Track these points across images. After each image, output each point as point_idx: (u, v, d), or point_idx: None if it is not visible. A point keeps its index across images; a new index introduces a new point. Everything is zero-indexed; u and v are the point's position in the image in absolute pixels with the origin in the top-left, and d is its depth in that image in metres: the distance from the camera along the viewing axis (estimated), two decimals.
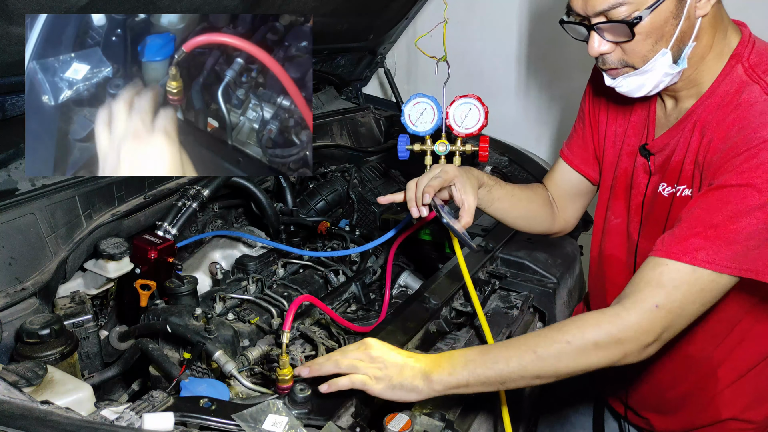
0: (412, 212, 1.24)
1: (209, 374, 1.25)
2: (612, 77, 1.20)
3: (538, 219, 1.53)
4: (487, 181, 1.36)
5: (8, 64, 1.25)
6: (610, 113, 1.41)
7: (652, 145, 1.29)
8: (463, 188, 1.25)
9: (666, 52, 1.11)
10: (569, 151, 1.52)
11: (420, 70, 3.14)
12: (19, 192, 1.33)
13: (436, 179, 1.21)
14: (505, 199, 1.42)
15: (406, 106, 1.31)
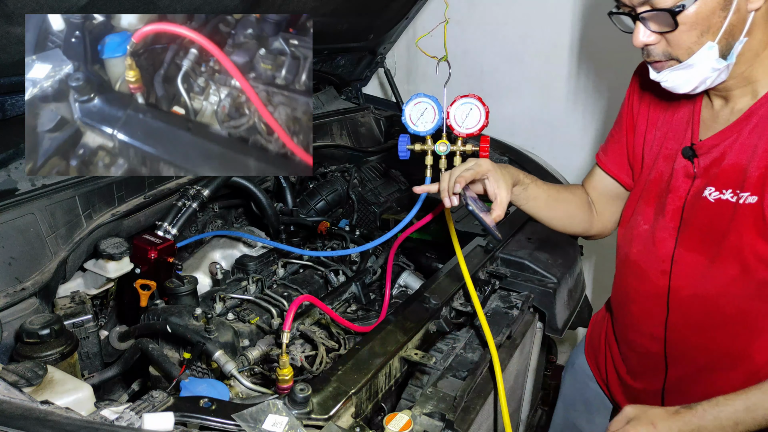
0: (444, 202, 1.25)
1: (209, 374, 1.25)
2: (657, 70, 1.17)
3: (575, 220, 1.52)
4: (524, 179, 1.37)
5: (8, 64, 1.25)
6: (650, 117, 1.37)
7: (699, 146, 1.24)
8: (496, 182, 1.25)
9: (713, 46, 1.06)
10: (604, 155, 1.51)
11: (420, 70, 3.14)
12: (19, 192, 1.33)
13: (468, 171, 1.23)
14: (542, 198, 1.41)
15: (406, 106, 1.31)
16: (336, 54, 2.50)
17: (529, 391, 1.86)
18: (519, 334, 1.55)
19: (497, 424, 1.37)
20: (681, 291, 1.31)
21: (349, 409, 1.06)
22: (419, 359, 1.25)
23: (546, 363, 2.19)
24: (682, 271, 1.30)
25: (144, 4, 1.31)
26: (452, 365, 1.30)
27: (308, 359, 1.29)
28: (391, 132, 2.66)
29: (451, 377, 1.26)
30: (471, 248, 1.69)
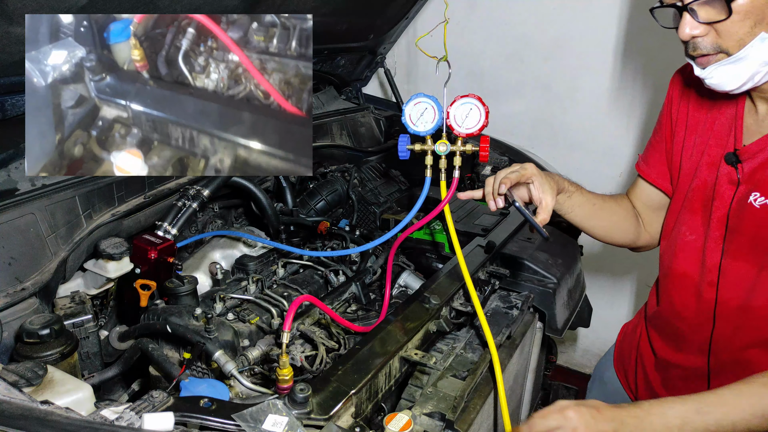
0: (489, 205, 1.29)
1: (209, 374, 1.25)
2: (702, 66, 1.12)
3: (620, 231, 1.50)
4: (568, 187, 1.37)
5: (8, 64, 1.25)
6: (689, 124, 1.34)
7: (743, 151, 1.21)
8: (541, 187, 1.27)
9: (766, 37, 1.03)
10: (645, 164, 1.48)
11: (420, 70, 3.14)
12: (19, 192, 1.33)
13: (513, 173, 1.26)
14: (586, 206, 1.41)
15: (406, 106, 1.31)
16: (336, 54, 2.50)
17: (529, 391, 1.86)
18: (519, 334, 1.55)
19: (497, 424, 1.37)
20: (729, 303, 1.28)
21: (349, 409, 1.06)
22: (419, 359, 1.25)
23: (546, 363, 2.19)
24: (730, 281, 1.26)
25: (144, 4, 1.31)
26: (452, 365, 1.30)
27: (308, 359, 1.29)
28: (391, 132, 2.66)
29: (451, 377, 1.26)
30: (471, 248, 1.69)
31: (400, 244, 1.49)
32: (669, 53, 2.49)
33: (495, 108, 1.50)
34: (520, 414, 1.85)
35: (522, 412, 1.87)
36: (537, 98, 2.87)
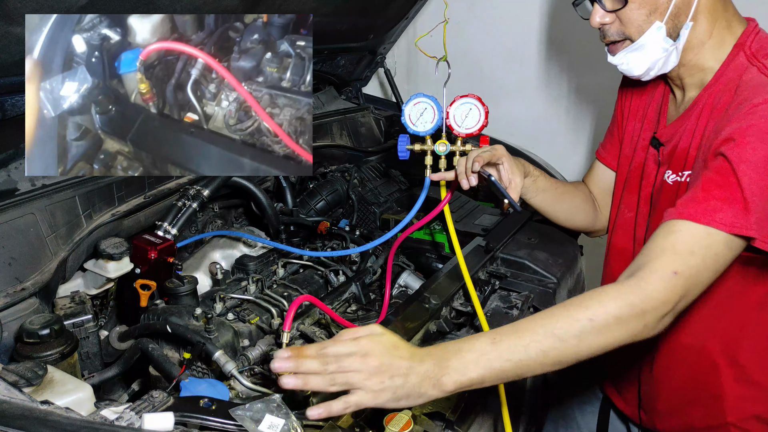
0: (462, 184, 1.31)
1: (209, 374, 1.25)
2: (612, 54, 1.28)
3: (581, 214, 1.58)
4: (533, 171, 1.44)
5: (8, 64, 1.25)
6: (631, 110, 1.46)
7: (660, 134, 1.33)
8: (510, 168, 1.34)
9: (661, 26, 1.16)
10: (603, 149, 1.58)
11: (420, 70, 3.14)
12: (19, 192, 1.33)
13: (485, 152, 1.30)
14: (549, 190, 1.48)
15: (406, 106, 1.31)
16: (336, 54, 2.50)
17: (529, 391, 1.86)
18: None
19: (497, 424, 1.37)
20: None
21: None
22: None
23: None
24: None
25: (144, 4, 1.31)
26: None
27: None
28: (391, 132, 2.66)
29: None
30: (471, 248, 1.69)
31: (400, 244, 1.49)
32: None
33: (495, 108, 1.50)
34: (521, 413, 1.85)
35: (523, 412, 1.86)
36: (537, 98, 2.87)
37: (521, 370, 0.93)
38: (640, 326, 0.96)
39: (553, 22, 2.72)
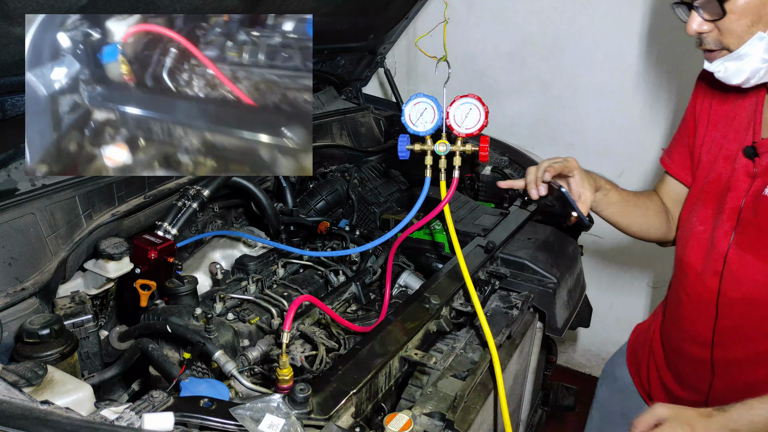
0: (531, 194, 1.33)
1: (209, 374, 1.25)
2: (710, 61, 1.20)
3: (653, 227, 1.53)
4: (605, 185, 1.41)
5: (8, 64, 1.25)
6: (711, 119, 1.38)
7: (760, 144, 1.25)
8: (581, 182, 1.33)
9: (763, 37, 1.10)
10: (668, 158, 1.52)
11: (420, 70, 3.14)
12: (19, 192, 1.33)
13: (557, 163, 1.30)
14: (621, 204, 1.45)
15: (406, 106, 1.31)
16: (336, 54, 2.50)
17: (529, 391, 1.86)
18: (519, 334, 1.55)
19: (497, 424, 1.37)
20: (731, 293, 1.30)
21: (349, 409, 1.06)
22: (419, 359, 1.25)
23: (546, 363, 2.19)
24: (735, 272, 1.29)
25: (144, 4, 1.31)
26: (452, 365, 1.30)
27: (308, 359, 1.29)
28: (391, 132, 2.66)
29: (451, 377, 1.26)
30: (471, 248, 1.69)
31: (400, 244, 1.49)
32: (669, 53, 2.49)
33: (495, 108, 1.50)
34: (520, 414, 1.85)
35: (522, 412, 1.87)
36: (537, 98, 2.87)
37: None
38: None
39: (553, 22, 2.72)
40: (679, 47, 2.45)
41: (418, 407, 1.14)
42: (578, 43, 2.69)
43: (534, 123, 2.91)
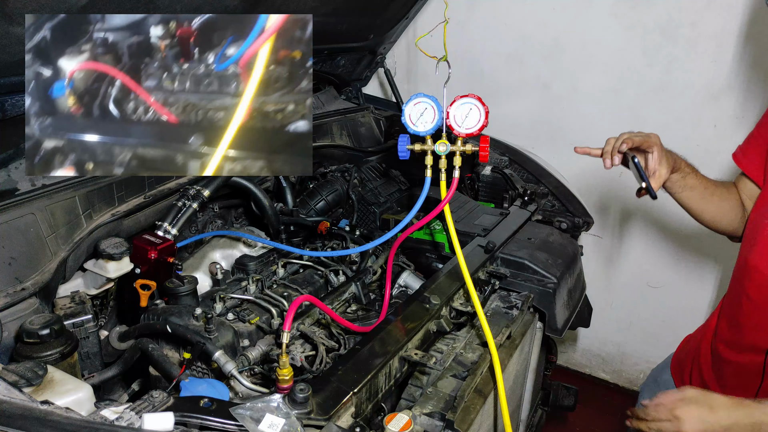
0: (605, 163, 1.34)
1: (209, 374, 1.25)
2: None
3: (726, 219, 1.52)
4: (684, 168, 1.40)
5: (8, 64, 1.25)
6: None
7: None
8: (659, 159, 1.32)
9: None
10: (742, 155, 1.50)
11: (420, 70, 3.14)
12: (19, 192, 1.33)
13: (637, 137, 1.30)
14: (698, 189, 1.44)
15: (406, 106, 1.30)
16: (336, 54, 2.50)
17: (529, 391, 1.86)
18: (519, 334, 1.55)
19: (497, 424, 1.37)
20: None
21: (349, 409, 1.06)
22: (419, 359, 1.25)
23: (546, 363, 2.19)
24: None
25: (144, 4, 1.31)
26: (452, 365, 1.30)
27: (308, 359, 1.29)
28: (391, 132, 2.66)
29: (451, 377, 1.26)
30: (471, 248, 1.69)
31: (400, 244, 1.49)
32: (670, 53, 2.49)
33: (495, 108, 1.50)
34: (520, 414, 1.85)
35: (522, 412, 1.87)
36: (537, 98, 2.87)
37: None
38: None
39: (553, 22, 2.72)
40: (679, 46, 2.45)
41: (418, 407, 1.14)
42: (578, 43, 2.69)
43: (534, 123, 2.91)
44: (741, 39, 2.33)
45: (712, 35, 2.38)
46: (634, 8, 2.52)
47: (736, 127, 2.41)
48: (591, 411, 2.88)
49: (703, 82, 2.45)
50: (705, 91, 2.46)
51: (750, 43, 2.32)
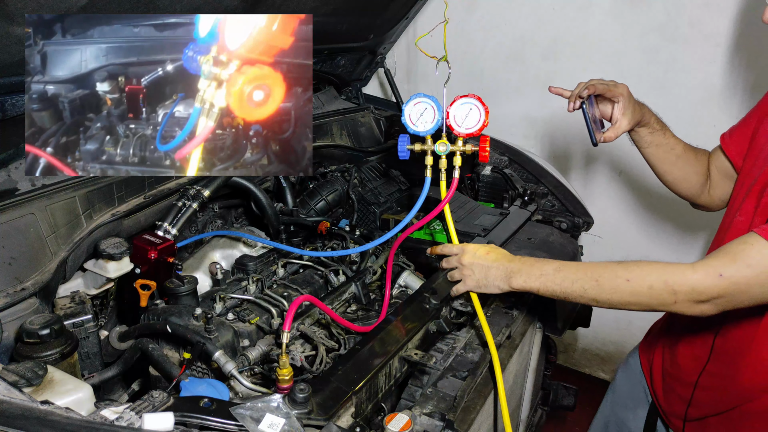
0: (568, 106, 1.42)
1: (209, 374, 1.25)
2: None
3: (687, 183, 1.56)
4: (654, 124, 1.45)
5: (8, 64, 1.25)
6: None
7: None
8: (623, 110, 1.38)
9: None
10: (728, 137, 1.51)
11: (420, 70, 3.14)
12: (19, 192, 1.33)
13: (602, 84, 1.35)
14: (664, 148, 1.49)
15: (406, 106, 1.31)
16: (336, 54, 2.50)
17: (529, 391, 1.86)
18: (519, 334, 1.55)
19: (497, 424, 1.37)
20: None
21: (349, 409, 1.06)
22: (419, 359, 1.25)
23: (546, 363, 2.19)
24: None
25: (144, 4, 1.31)
26: (452, 365, 1.30)
27: (308, 359, 1.29)
28: (391, 132, 2.66)
29: (451, 377, 1.26)
30: None
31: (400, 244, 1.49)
32: (669, 53, 2.49)
33: (495, 108, 1.50)
34: (520, 414, 1.85)
35: (522, 412, 1.87)
36: (537, 98, 2.87)
37: (565, 296, 1.20)
38: (671, 301, 1.10)
39: (553, 22, 2.72)
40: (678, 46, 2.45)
41: (418, 407, 1.14)
42: (578, 43, 2.69)
43: (534, 123, 2.91)
44: (740, 39, 2.33)
45: (710, 35, 2.38)
46: (633, 8, 2.52)
47: None
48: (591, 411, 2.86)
49: (702, 82, 2.45)
50: (704, 91, 2.46)
51: (748, 43, 2.32)
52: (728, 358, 1.34)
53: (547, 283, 1.21)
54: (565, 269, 1.21)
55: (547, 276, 1.21)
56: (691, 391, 1.44)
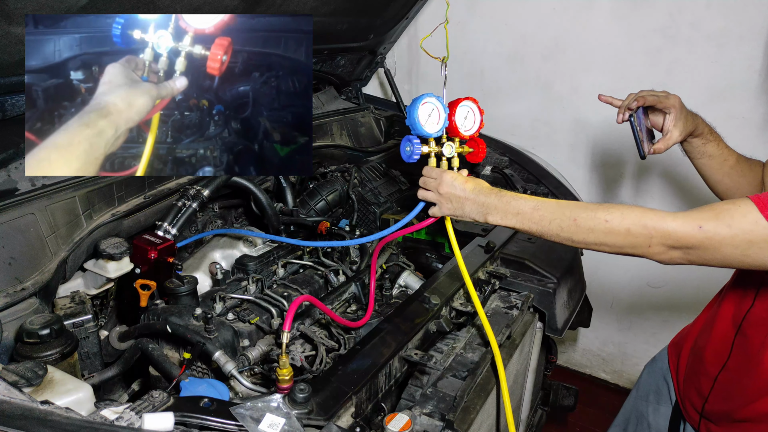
0: (617, 117, 1.41)
1: (209, 374, 1.25)
2: None
3: (739, 194, 1.51)
4: (707, 134, 1.43)
5: (8, 64, 1.25)
6: None
7: None
8: (674, 121, 1.36)
9: None
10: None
11: (420, 70, 3.14)
12: (19, 192, 1.33)
13: (652, 96, 1.34)
14: (717, 159, 1.46)
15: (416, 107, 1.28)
16: (336, 54, 2.50)
17: (529, 391, 1.86)
18: (519, 334, 1.55)
19: (499, 424, 1.37)
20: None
21: (349, 409, 1.06)
22: (419, 359, 1.25)
23: (546, 363, 2.19)
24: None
25: (144, 4, 1.31)
26: (452, 365, 1.30)
27: (308, 359, 1.29)
28: (391, 132, 2.66)
29: (451, 377, 1.26)
30: (471, 248, 1.69)
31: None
32: (670, 53, 2.49)
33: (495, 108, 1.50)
34: (520, 414, 1.85)
35: (522, 412, 1.87)
36: (537, 98, 2.87)
37: (540, 234, 1.19)
38: (645, 245, 1.09)
39: (553, 22, 2.72)
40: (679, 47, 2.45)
41: (418, 407, 1.14)
42: (578, 43, 2.69)
43: (534, 123, 2.91)
44: (741, 39, 2.33)
45: (712, 36, 2.38)
46: (634, 9, 2.52)
47: (738, 127, 2.41)
48: (591, 411, 2.88)
49: (704, 82, 2.45)
50: (706, 91, 2.46)
51: (750, 44, 2.32)
52: (746, 357, 1.33)
53: (524, 221, 1.19)
54: (543, 208, 1.19)
55: (524, 215, 1.19)
56: (711, 386, 1.44)
